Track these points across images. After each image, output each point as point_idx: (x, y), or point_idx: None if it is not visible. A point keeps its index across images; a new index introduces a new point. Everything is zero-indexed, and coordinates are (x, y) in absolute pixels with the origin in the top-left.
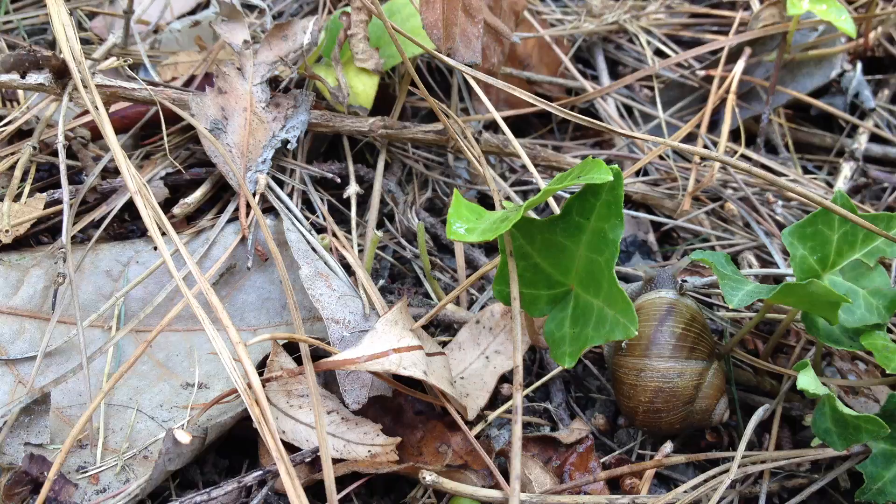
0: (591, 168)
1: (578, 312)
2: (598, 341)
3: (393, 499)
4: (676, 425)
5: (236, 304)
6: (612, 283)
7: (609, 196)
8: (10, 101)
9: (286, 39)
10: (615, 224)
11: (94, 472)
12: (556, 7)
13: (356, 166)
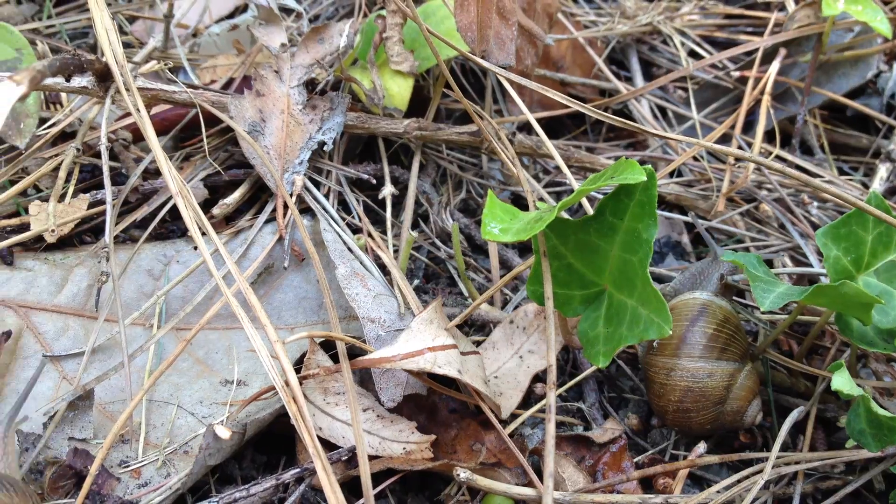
0: (625, 168)
1: (612, 312)
2: (632, 341)
3: (427, 496)
4: (707, 426)
5: (274, 302)
6: (646, 283)
7: (643, 196)
8: (54, 104)
9: (322, 42)
10: (649, 224)
11: (136, 466)
12: (589, 9)
13: (391, 167)
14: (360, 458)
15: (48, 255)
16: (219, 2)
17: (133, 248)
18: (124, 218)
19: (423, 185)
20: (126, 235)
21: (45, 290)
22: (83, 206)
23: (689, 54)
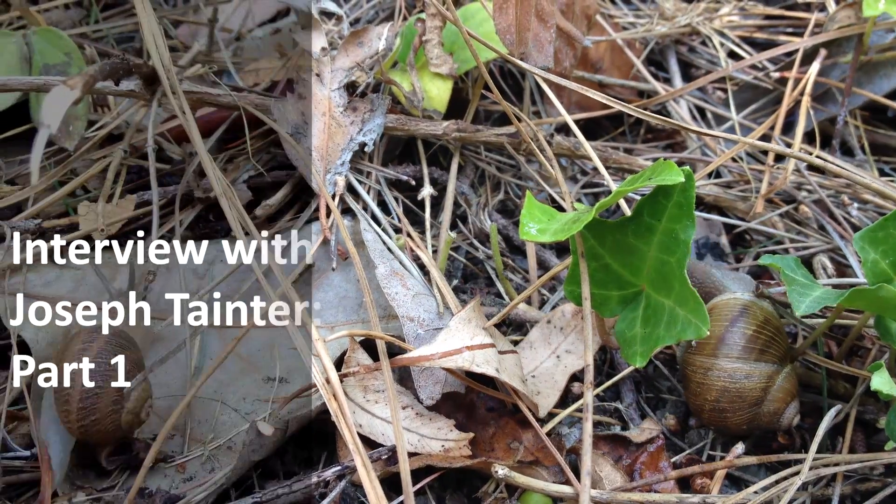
0: (663, 170)
1: (649, 313)
2: (670, 341)
3: (465, 493)
4: (743, 426)
5: (314, 301)
6: (684, 284)
7: (680, 197)
8: (101, 107)
9: (362, 45)
10: (686, 225)
11: (182, 460)
12: (628, 10)
13: (430, 169)
14: (399, 456)
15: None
16: (261, 6)
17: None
18: (170, 218)
19: (461, 186)
20: (172, 235)
21: (93, 288)
22: (130, 206)
23: (729, 55)
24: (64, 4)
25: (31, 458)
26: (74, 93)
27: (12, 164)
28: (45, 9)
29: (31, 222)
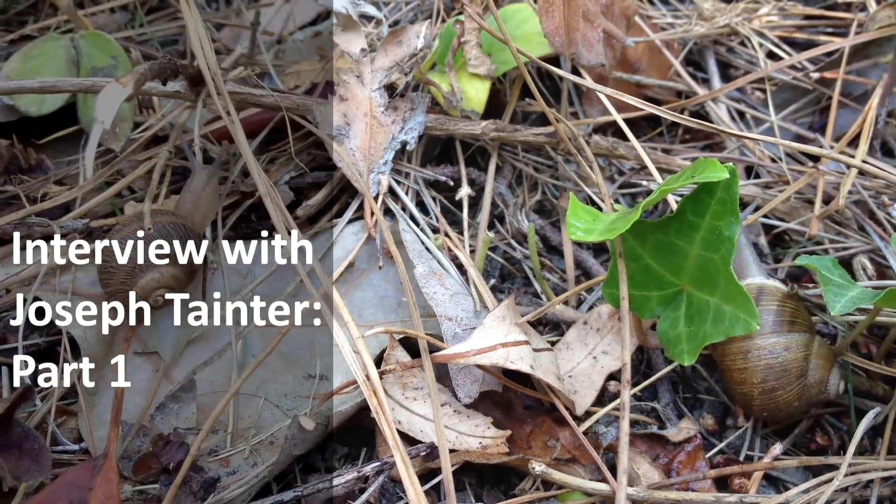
0: (706, 167)
1: (692, 311)
2: (718, 337)
3: (503, 489)
4: (794, 403)
5: (354, 301)
6: (730, 280)
7: (724, 194)
8: (146, 109)
9: (401, 45)
10: (731, 221)
11: (225, 455)
12: (666, 11)
13: (468, 169)
14: (441, 453)
15: None
16: (302, 9)
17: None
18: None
19: (499, 186)
20: (214, 234)
21: None
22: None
23: (768, 55)
24: (110, 8)
25: (79, 451)
26: (126, 90)
27: (60, 165)
28: (91, 13)
29: (79, 222)
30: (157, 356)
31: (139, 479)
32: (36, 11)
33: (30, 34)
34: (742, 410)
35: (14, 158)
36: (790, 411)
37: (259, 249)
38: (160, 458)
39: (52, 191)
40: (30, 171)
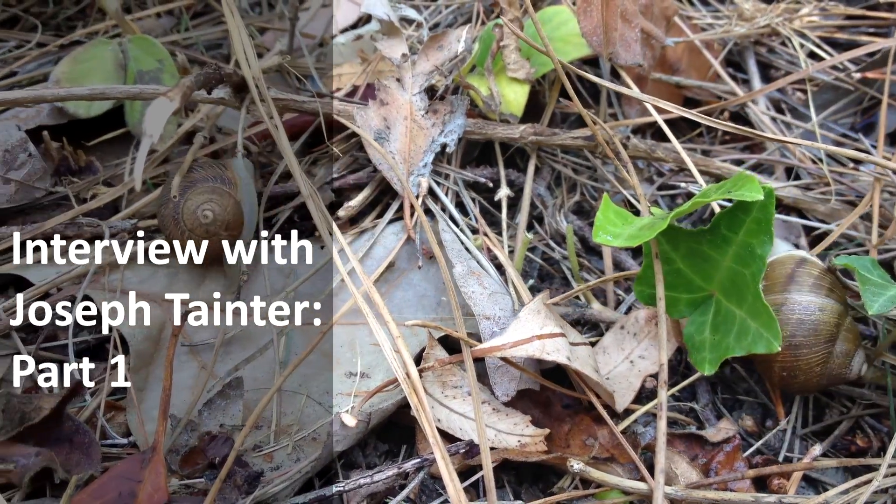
0: (743, 184)
1: (719, 319)
2: (739, 352)
3: (541, 487)
4: (816, 368)
5: (395, 300)
6: (757, 297)
7: (759, 214)
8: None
9: (441, 49)
10: (764, 241)
11: (269, 450)
12: (706, 11)
13: (507, 171)
14: (482, 451)
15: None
16: (344, 13)
17: (265, 247)
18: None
19: (537, 188)
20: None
21: (186, 285)
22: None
23: (809, 56)
24: (156, 14)
25: (127, 445)
26: (174, 103)
27: (109, 166)
28: (138, 18)
29: (127, 222)
30: (202, 354)
31: (186, 472)
32: (84, 17)
33: (79, 39)
34: (763, 375)
35: (64, 160)
36: (808, 378)
37: (301, 249)
38: (206, 452)
39: (100, 192)
40: (79, 173)
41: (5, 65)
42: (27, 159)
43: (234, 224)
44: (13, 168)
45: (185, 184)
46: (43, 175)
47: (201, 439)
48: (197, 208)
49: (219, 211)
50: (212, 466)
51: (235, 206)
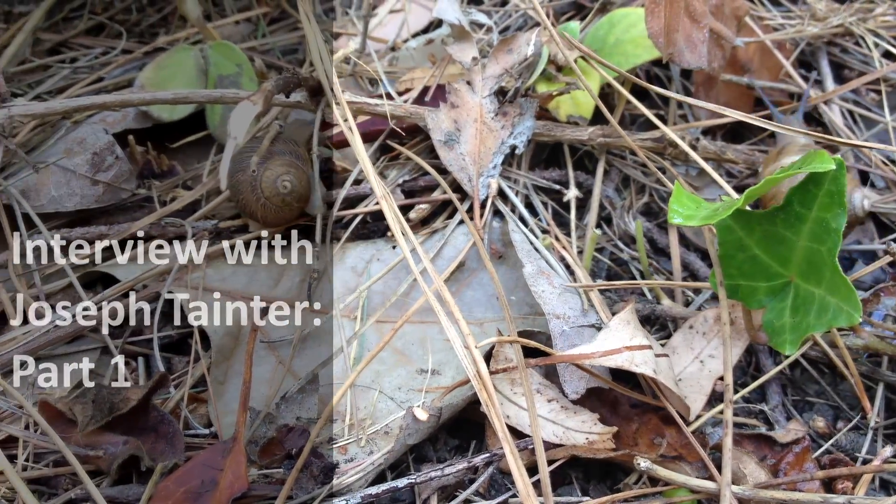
0: (814, 158)
1: (798, 302)
2: (820, 329)
3: (608, 485)
4: None
5: (465, 299)
6: (835, 271)
7: (832, 186)
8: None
9: (511, 53)
10: (837, 213)
11: (343, 443)
12: (777, 12)
13: (576, 173)
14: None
15: (266, 253)
16: (415, 17)
17: (339, 247)
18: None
19: (606, 189)
20: (333, 235)
21: (264, 284)
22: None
23: (884, 56)
24: (235, 21)
25: (208, 435)
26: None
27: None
28: (218, 25)
29: (208, 222)
30: (280, 350)
31: (264, 462)
32: (167, 24)
33: (162, 46)
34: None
35: (148, 164)
36: None
37: (374, 249)
38: (284, 443)
39: (179, 194)
40: (161, 176)
41: (92, 71)
42: (114, 162)
43: (305, 198)
44: (101, 170)
45: (265, 154)
46: (129, 177)
47: (279, 431)
48: (277, 178)
49: (296, 183)
50: (289, 457)
51: (308, 182)
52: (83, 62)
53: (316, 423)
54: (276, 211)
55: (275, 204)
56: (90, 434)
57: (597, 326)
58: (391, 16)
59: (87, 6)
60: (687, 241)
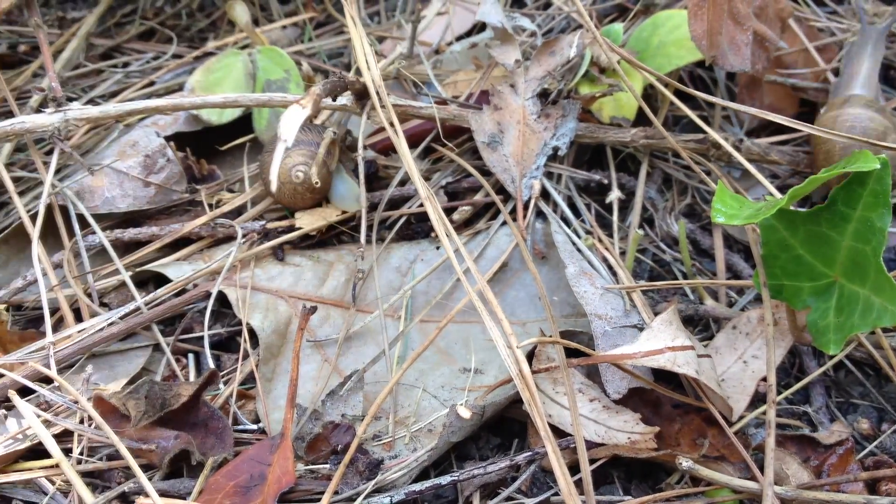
0: (858, 158)
1: (843, 302)
2: (864, 329)
3: (650, 484)
4: None
5: (507, 299)
6: (880, 272)
7: (876, 185)
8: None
9: (554, 55)
10: (882, 213)
11: (388, 440)
12: (822, 13)
13: (618, 174)
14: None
15: (313, 253)
16: (459, 21)
17: (384, 248)
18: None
19: (648, 191)
20: (378, 236)
21: (310, 283)
22: (339, 210)
23: None
24: (282, 25)
25: (256, 431)
26: (306, 111)
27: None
28: (265, 29)
29: (256, 223)
30: (326, 348)
31: (311, 458)
32: (216, 29)
33: (211, 51)
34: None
35: (189, 169)
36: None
37: (418, 250)
38: (330, 440)
39: (224, 197)
40: (202, 180)
41: (144, 75)
42: (166, 164)
43: (320, 191)
44: (153, 172)
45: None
46: (179, 179)
47: (325, 428)
48: (293, 167)
49: (309, 174)
50: (335, 453)
51: (327, 176)
52: (135, 67)
53: (361, 420)
54: (289, 196)
55: (287, 190)
56: (143, 429)
57: (639, 327)
58: (435, 20)
59: (138, 12)
60: (731, 243)
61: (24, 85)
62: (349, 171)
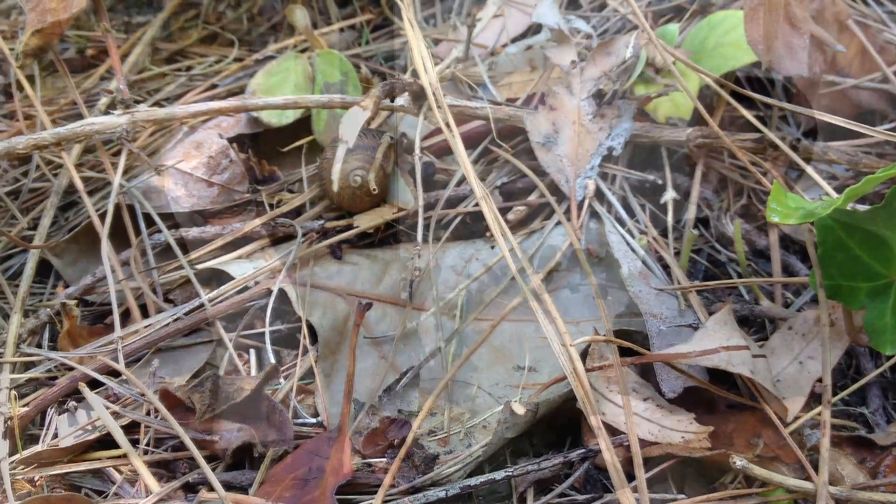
0: None
1: None
2: None
3: (704, 483)
4: None
5: (561, 298)
6: None
7: None
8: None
9: (610, 55)
10: None
11: (443, 436)
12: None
13: (673, 175)
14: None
15: (370, 252)
16: (514, 23)
17: (440, 247)
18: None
19: (704, 191)
20: (434, 235)
21: (367, 282)
22: (393, 211)
23: None
24: (339, 28)
25: (315, 424)
26: (366, 112)
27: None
28: (323, 33)
29: (316, 223)
30: (383, 345)
31: (368, 452)
32: (276, 32)
33: (271, 54)
34: None
35: (250, 170)
36: None
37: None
38: (386, 434)
39: (284, 197)
40: (263, 181)
41: (206, 78)
42: (228, 165)
43: (378, 194)
44: (216, 172)
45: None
46: (241, 180)
47: (382, 422)
48: (351, 171)
49: (367, 178)
50: (391, 447)
51: (384, 179)
52: (198, 70)
53: (417, 415)
54: (348, 199)
55: (346, 194)
56: (207, 421)
57: (694, 326)
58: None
59: (201, 16)
60: (787, 243)
61: (92, 88)
62: (406, 174)
